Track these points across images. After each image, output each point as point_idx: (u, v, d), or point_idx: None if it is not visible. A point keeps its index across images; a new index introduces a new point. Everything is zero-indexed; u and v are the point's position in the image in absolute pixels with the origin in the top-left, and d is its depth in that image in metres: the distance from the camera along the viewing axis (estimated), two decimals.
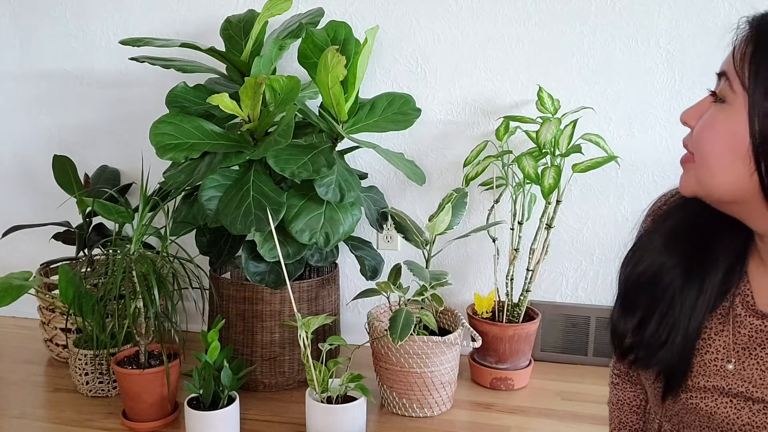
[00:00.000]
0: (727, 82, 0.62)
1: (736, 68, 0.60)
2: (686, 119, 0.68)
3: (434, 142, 1.94)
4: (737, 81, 0.60)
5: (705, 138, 0.63)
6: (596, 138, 1.70)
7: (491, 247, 1.86)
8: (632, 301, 0.74)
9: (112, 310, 1.65)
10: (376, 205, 1.84)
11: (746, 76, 0.59)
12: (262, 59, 1.63)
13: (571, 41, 1.80)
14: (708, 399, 0.68)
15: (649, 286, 0.72)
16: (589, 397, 1.71)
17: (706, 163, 0.63)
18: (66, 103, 2.14)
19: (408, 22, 1.88)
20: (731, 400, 0.66)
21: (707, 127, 0.63)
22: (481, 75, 1.87)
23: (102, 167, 2.11)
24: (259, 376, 1.71)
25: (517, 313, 1.80)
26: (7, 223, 1.97)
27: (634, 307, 0.74)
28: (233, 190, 1.56)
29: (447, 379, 1.61)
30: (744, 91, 0.60)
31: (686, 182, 0.67)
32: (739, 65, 0.60)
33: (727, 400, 0.67)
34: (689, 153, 0.67)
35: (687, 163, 0.67)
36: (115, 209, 1.72)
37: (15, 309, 1.96)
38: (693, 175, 0.66)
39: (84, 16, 2.06)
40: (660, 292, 0.71)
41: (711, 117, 0.63)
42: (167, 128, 1.58)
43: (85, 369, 1.66)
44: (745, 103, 0.59)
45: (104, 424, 1.55)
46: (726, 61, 0.63)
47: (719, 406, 0.67)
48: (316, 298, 1.73)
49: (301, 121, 1.73)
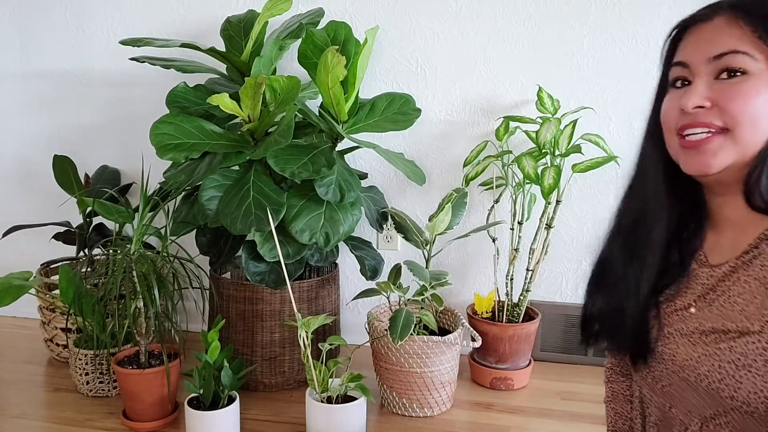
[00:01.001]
0: (742, 55, 0.70)
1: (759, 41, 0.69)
2: (700, 103, 0.72)
3: (434, 142, 1.94)
4: (755, 49, 0.69)
5: (748, 104, 0.70)
6: (596, 138, 1.70)
7: (491, 247, 1.86)
8: (591, 289, 0.89)
9: (113, 310, 1.65)
10: (376, 205, 1.84)
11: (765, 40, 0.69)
12: (262, 59, 1.64)
13: (571, 41, 1.80)
14: (671, 344, 0.79)
15: (601, 273, 0.88)
16: (589, 397, 1.71)
17: (753, 123, 0.70)
18: (66, 103, 2.14)
19: (408, 22, 1.88)
20: (688, 340, 0.77)
21: (744, 95, 0.70)
22: (481, 75, 1.87)
23: (102, 167, 2.11)
24: (260, 376, 1.71)
25: (517, 313, 1.80)
26: (8, 223, 1.98)
27: (593, 294, 0.89)
28: (233, 190, 1.56)
29: (447, 379, 1.61)
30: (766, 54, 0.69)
31: (720, 159, 0.72)
32: (751, 38, 0.70)
33: (685, 340, 0.77)
34: (717, 128, 0.72)
35: (714, 140, 0.72)
36: (115, 209, 1.72)
37: (15, 309, 1.97)
38: (730, 146, 0.72)
39: (84, 16, 2.07)
40: (609, 278, 0.86)
41: (741, 87, 0.70)
42: (167, 128, 1.58)
43: (86, 369, 1.66)
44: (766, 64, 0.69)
45: (104, 424, 1.55)
46: (725, 42, 0.71)
47: (679, 346, 0.77)
48: (316, 298, 1.73)
49: (301, 121, 1.73)
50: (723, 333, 0.72)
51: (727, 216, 0.79)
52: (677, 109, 0.75)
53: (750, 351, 0.68)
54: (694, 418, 0.77)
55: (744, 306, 0.71)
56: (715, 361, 0.72)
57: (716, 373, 0.71)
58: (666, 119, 0.78)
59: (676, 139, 0.76)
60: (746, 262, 0.74)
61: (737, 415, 0.71)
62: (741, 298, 0.72)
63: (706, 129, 0.72)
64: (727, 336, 0.72)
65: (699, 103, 0.72)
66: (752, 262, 0.73)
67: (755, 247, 0.73)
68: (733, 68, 0.70)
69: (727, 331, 0.72)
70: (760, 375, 0.67)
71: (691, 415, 0.77)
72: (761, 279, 0.71)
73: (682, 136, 0.75)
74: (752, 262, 0.73)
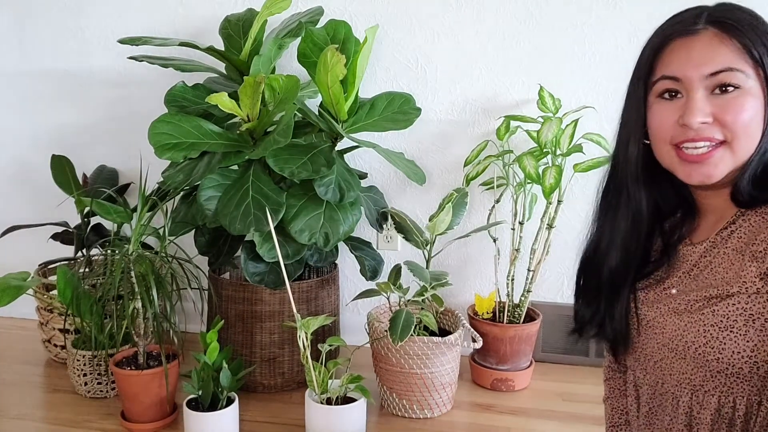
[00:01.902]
0: (737, 72, 0.74)
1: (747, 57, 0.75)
2: (703, 118, 0.76)
3: (434, 142, 1.93)
4: (747, 66, 0.74)
5: (745, 117, 0.75)
6: (597, 137, 1.69)
7: (492, 248, 1.85)
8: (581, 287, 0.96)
9: (111, 311, 1.64)
10: (376, 205, 1.83)
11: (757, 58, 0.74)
12: (261, 58, 1.63)
13: (572, 40, 1.79)
14: (658, 321, 0.85)
15: (589, 270, 0.94)
16: (590, 398, 1.70)
17: (748, 135, 0.76)
18: (64, 102, 2.13)
19: (408, 21, 1.87)
20: (674, 313, 0.82)
21: (741, 110, 0.75)
22: (481, 74, 1.87)
23: (100, 167, 2.10)
24: (259, 377, 1.70)
25: (518, 313, 1.80)
26: (5, 223, 1.96)
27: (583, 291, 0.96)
28: (232, 190, 1.55)
29: (447, 380, 1.60)
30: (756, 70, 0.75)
31: (720, 169, 0.77)
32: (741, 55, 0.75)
33: (672, 315, 0.83)
34: (717, 141, 0.76)
35: (716, 153, 0.76)
36: (113, 209, 1.71)
37: (13, 309, 1.96)
38: (730, 158, 0.77)
39: (82, 15, 2.06)
40: (594, 270, 0.93)
41: (737, 101, 0.75)
42: (166, 128, 1.58)
43: (84, 370, 1.65)
44: (758, 78, 0.75)
45: (102, 425, 1.54)
46: (720, 60, 0.75)
47: (667, 321, 0.83)
48: (315, 299, 1.73)
49: (301, 121, 1.72)
50: (706, 300, 0.79)
51: (710, 204, 0.85)
52: (672, 121, 0.78)
53: (731, 312, 0.75)
54: (684, 389, 0.82)
55: (724, 273, 0.78)
56: (700, 327, 0.78)
57: (701, 337, 0.78)
58: (659, 131, 0.81)
59: (672, 151, 0.80)
60: (724, 237, 0.81)
61: (723, 378, 0.77)
62: (721, 267, 0.79)
63: (708, 143, 0.76)
64: (709, 302, 0.78)
65: (704, 120, 0.76)
66: (730, 236, 0.80)
67: (732, 223, 0.80)
68: (730, 84, 0.75)
69: (710, 297, 0.78)
70: (741, 335, 0.74)
71: (681, 386, 0.82)
72: (738, 248, 0.78)
73: (678, 148, 0.78)
74: (730, 236, 0.80)
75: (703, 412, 0.80)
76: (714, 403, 0.79)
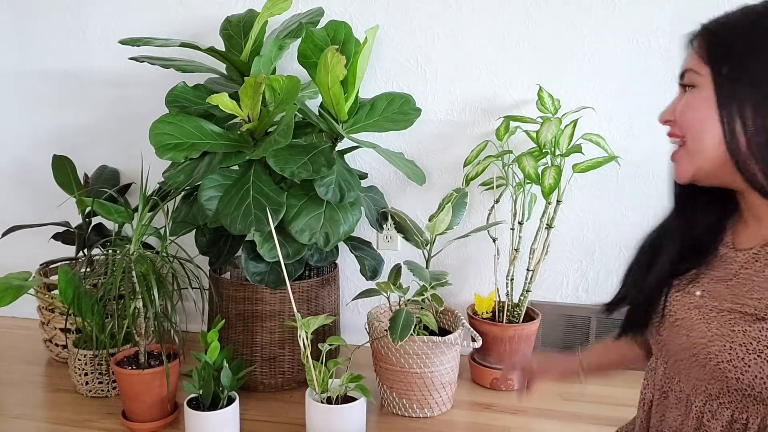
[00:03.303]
0: (691, 72, 0.76)
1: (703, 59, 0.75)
2: (667, 117, 0.79)
3: (434, 142, 1.93)
4: (702, 66, 0.74)
5: (690, 116, 0.76)
6: (596, 138, 1.70)
7: (491, 247, 1.86)
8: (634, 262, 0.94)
9: (112, 311, 1.64)
10: (376, 205, 1.83)
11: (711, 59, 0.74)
12: (261, 59, 1.63)
13: (571, 41, 1.80)
14: (686, 321, 0.81)
15: (634, 264, 0.93)
16: (589, 397, 1.70)
17: (694, 133, 0.76)
18: (65, 102, 2.13)
19: (408, 22, 1.88)
20: (705, 318, 0.79)
21: (689, 108, 0.76)
22: (481, 74, 1.87)
23: (101, 167, 2.11)
24: (259, 377, 1.71)
25: (517, 313, 1.80)
26: (7, 223, 1.97)
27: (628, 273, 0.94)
28: (233, 190, 1.56)
29: (447, 380, 1.61)
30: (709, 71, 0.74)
31: (682, 169, 0.79)
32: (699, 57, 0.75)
33: (702, 318, 0.79)
34: (680, 139, 0.78)
35: (678, 152, 0.79)
36: (114, 209, 1.72)
37: (14, 309, 1.96)
38: (686, 156, 0.78)
39: (83, 15, 2.06)
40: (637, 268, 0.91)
41: (687, 100, 0.76)
42: (167, 128, 1.58)
43: (85, 369, 1.65)
44: (710, 79, 0.74)
45: (104, 424, 1.55)
46: (687, 61, 0.77)
47: (694, 323, 0.79)
48: (315, 298, 1.73)
49: (301, 121, 1.73)
50: (740, 315, 0.74)
51: (750, 205, 0.81)
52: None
53: (763, 337, 0.70)
54: (699, 395, 0.79)
55: (762, 293, 0.73)
56: (727, 342, 0.74)
57: (726, 353, 0.74)
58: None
59: None
60: None
61: (740, 396, 0.74)
62: (760, 286, 0.74)
63: (676, 141, 0.79)
64: (743, 319, 0.74)
65: (667, 117, 0.79)
66: None
67: None
68: (689, 84, 0.77)
69: (745, 314, 0.74)
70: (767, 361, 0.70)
71: (696, 391, 0.80)
72: None
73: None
74: None
75: (714, 422, 0.78)
76: (727, 416, 0.76)
